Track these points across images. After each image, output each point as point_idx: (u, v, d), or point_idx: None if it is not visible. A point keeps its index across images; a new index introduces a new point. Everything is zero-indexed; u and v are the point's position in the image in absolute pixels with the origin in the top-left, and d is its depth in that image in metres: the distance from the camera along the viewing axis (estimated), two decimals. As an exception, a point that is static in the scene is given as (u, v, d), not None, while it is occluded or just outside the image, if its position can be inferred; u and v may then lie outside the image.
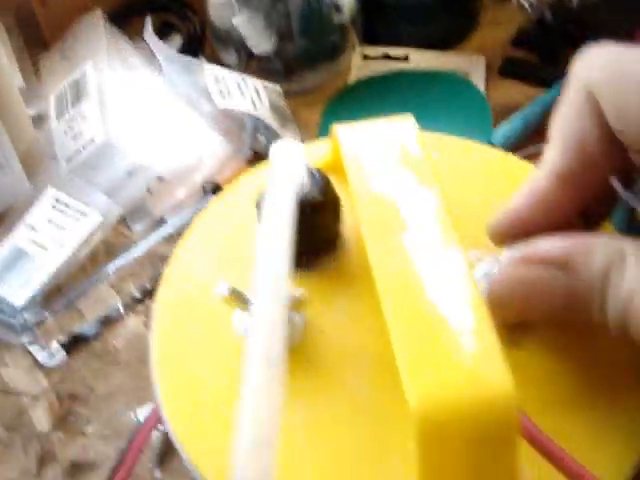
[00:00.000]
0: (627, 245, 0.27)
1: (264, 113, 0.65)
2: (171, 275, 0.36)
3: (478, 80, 0.72)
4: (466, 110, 0.70)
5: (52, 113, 0.69)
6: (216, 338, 0.34)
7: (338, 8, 0.68)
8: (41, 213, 0.63)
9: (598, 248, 0.27)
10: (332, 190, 0.35)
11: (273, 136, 0.65)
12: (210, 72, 0.65)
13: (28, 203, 0.63)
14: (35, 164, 0.65)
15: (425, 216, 0.32)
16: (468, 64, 0.74)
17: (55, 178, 0.64)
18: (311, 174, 0.34)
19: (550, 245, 0.28)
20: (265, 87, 0.68)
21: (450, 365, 0.27)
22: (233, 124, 0.65)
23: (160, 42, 0.66)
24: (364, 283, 0.34)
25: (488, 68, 0.73)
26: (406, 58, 0.74)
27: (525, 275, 0.29)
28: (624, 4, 0.69)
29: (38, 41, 0.75)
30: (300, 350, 0.32)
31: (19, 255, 0.61)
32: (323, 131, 0.69)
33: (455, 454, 0.26)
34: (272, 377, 0.22)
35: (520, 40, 0.75)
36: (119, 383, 0.56)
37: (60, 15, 0.73)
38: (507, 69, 0.73)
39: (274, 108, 0.67)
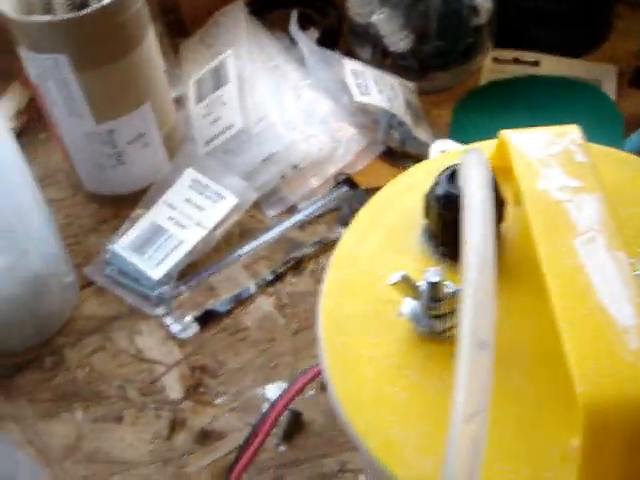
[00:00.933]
0: None
1: (399, 110, 0.67)
2: (340, 258, 0.38)
3: (609, 89, 0.72)
4: (596, 119, 0.70)
5: (192, 97, 0.72)
6: (382, 320, 0.35)
7: (476, 11, 0.69)
8: (180, 192, 0.66)
9: None
10: (499, 190, 0.36)
11: (407, 133, 0.67)
12: (349, 66, 0.67)
13: (167, 182, 0.66)
14: (175, 145, 0.68)
15: (592, 220, 0.33)
16: (599, 73, 0.74)
17: (193, 160, 0.67)
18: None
19: None
20: (400, 84, 0.69)
21: (616, 361, 0.28)
22: (368, 118, 0.67)
23: (304, 35, 0.68)
24: (523, 280, 0.36)
25: (619, 78, 0.73)
26: (537, 63, 0.75)
27: None
28: None
29: (179, 28, 0.78)
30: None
31: (158, 231, 0.64)
32: (454, 130, 0.70)
33: (617, 445, 0.28)
34: (483, 363, 0.23)
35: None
36: (248, 360, 0.58)
37: (201, 4, 0.76)
38: (636, 80, 0.73)
39: (408, 105, 0.68)
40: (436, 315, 0.34)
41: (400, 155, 0.68)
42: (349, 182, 0.67)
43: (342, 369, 0.33)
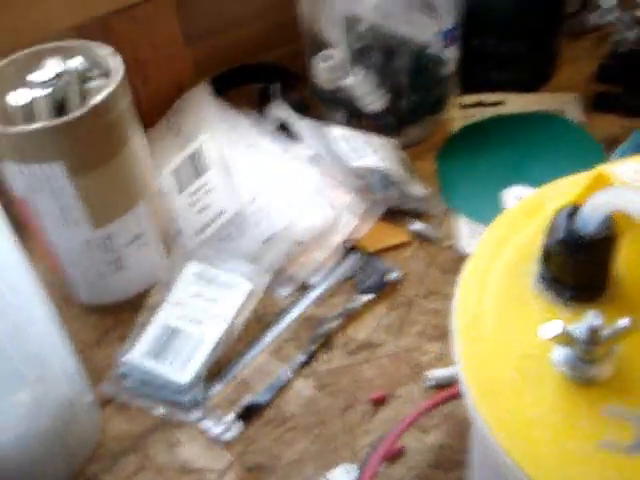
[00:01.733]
0: None
1: (393, 167, 0.66)
2: (464, 326, 0.36)
3: (575, 116, 0.74)
4: (570, 145, 0.72)
5: (172, 188, 0.69)
6: (531, 376, 0.34)
7: (443, 62, 0.70)
8: (186, 288, 0.63)
9: None
10: (615, 227, 0.36)
11: (402, 190, 0.66)
12: (337, 132, 0.67)
13: (170, 280, 0.63)
14: (170, 241, 0.65)
15: None
16: (561, 103, 0.76)
17: (191, 252, 0.64)
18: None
19: None
20: (387, 143, 0.69)
21: None
22: (362, 182, 0.66)
23: (290, 109, 0.67)
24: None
25: (582, 103, 0.76)
26: (501, 103, 0.76)
27: None
28: None
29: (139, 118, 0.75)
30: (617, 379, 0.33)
31: (173, 332, 0.60)
32: (443, 179, 0.70)
33: None
34: None
35: (604, 74, 0.78)
36: (303, 448, 0.55)
37: (160, 91, 0.73)
38: (600, 103, 0.75)
39: (401, 162, 0.68)
40: (592, 360, 0.33)
41: (398, 213, 0.68)
42: (357, 249, 0.65)
43: (514, 438, 0.32)
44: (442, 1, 0.66)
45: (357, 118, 0.71)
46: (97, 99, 0.54)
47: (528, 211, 0.40)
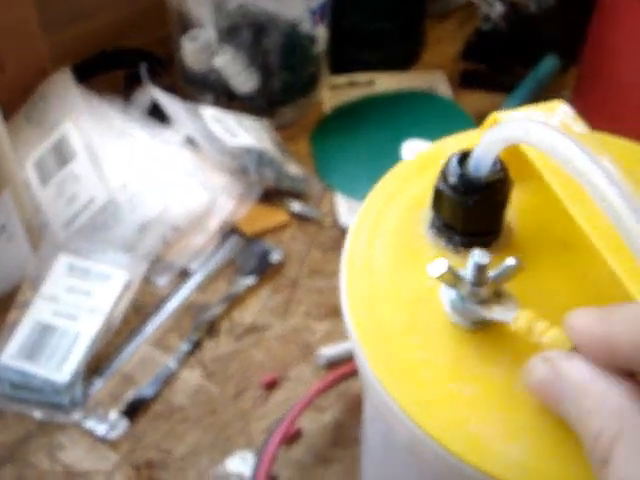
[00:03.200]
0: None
1: (268, 147, 0.65)
2: (351, 271, 0.35)
3: (444, 93, 0.75)
4: (442, 120, 0.73)
5: (34, 180, 0.65)
6: (420, 320, 0.33)
7: (313, 40, 0.69)
8: (59, 282, 0.59)
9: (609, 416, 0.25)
10: (507, 171, 0.36)
11: (279, 170, 0.65)
12: (210, 114, 0.64)
13: (40, 275, 0.59)
14: (36, 234, 0.61)
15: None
16: (430, 80, 0.77)
17: (62, 245, 0.61)
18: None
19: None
20: (259, 124, 0.67)
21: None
22: (236, 163, 0.64)
23: (160, 91, 0.65)
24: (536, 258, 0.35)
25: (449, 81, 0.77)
26: (371, 83, 0.76)
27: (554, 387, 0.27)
28: (567, 18, 0.74)
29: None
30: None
31: (47, 330, 0.57)
32: (319, 159, 0.70)
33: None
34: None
35: (469, 52, 0.79)
36: (196, 440, 0.53)
37: (18, 80, 0.69)
38: (467, 80, 0.77)
39: (274, 143, 0.67)
40: (480, 301, 0.32)
41: (276, 194, 0.66)
42: (236, 231, 0.63)
43: (397, 379, 0.31)
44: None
45: (227, 99, 0.69)
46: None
47: (423, 163, 0.39)
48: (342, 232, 0.65)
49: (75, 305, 0.58)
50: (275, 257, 0.62)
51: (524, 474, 0.28)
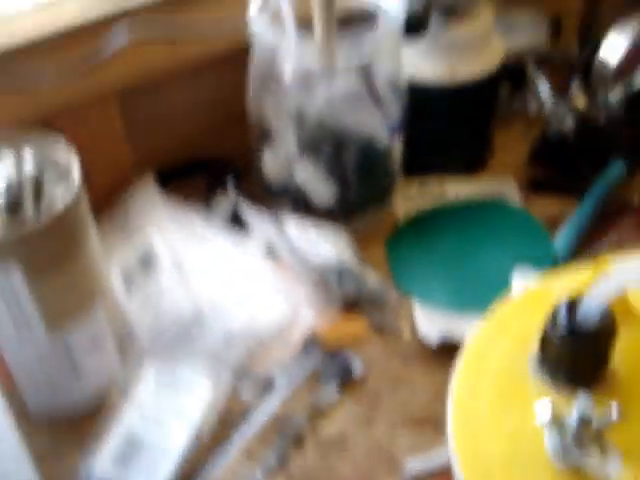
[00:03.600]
0: None
1: (348, 259, 0.67)
2: (458, 411, 0.36)
3: (513, 198, 0.77)
4: (513, 227, 0.74)
5: (120, 289, 0.67)
6: (522, 460, 0.34)
7: (390, 154, 0.71)
8: (146, 392, 0.60)
9: None
10: (613, 321, 0.37)
11: (359, 282, 0.67)
12: (291, 224, 0.66)
13: (125, 384, 0.61)
14: (124, 345, 0.63)
15: None
16: (499, 186, 0.78)
17: (146, 354, 0.62)
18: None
19: None
20: (336, 234, 0.69)
21: None
22: (318, 275, 0.66)
23: (242, 200, 0.67)
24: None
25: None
26: (442, 186, 0.78)
27: None
28: (634, 124, 0.76)
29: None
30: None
31: (136, 440, 0.58)
32: (395, 269, 0.71)
33: None
34: None
35: (536, 157, 0.81)
36: None
37: (103, 187, 0.72)
38: (536, 186, 0.78)
39: (351, 252, 0.68)
40: (582, 446, 0.33)
41: (355, 303, 0.68)
42: (318, 343, 0.65)
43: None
44: (388, 94, 0.68)
45: (305, 210, 0.71)
46: (57, 209, 0.52)
47: (531, 301, 0.41)
48: (421, 342, 0.66)
49: (164, 416, 0.59)
50: (357, 367, 0.63)
51: None
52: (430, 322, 0.66)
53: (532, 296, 0.41)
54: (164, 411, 0.59)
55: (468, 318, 0.63)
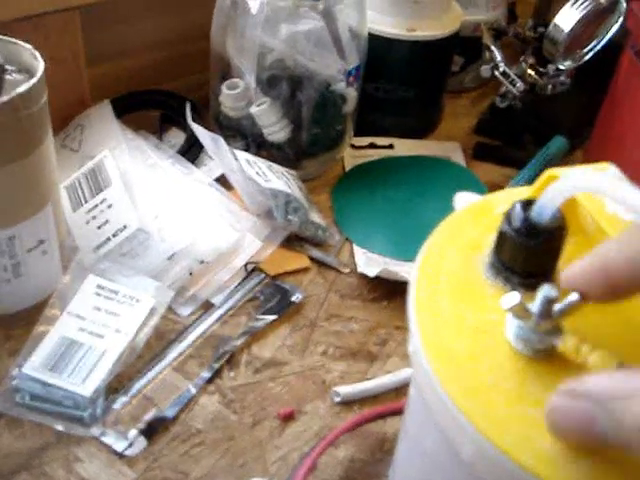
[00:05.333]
0: None
1: (296, 194, 0.68)
2: (420, 307, 0.38)
3: (458, 162, 0.79)
4: (457, 185, 0.76)
5: (66, 204, 0.67)
6: (485, 348, 0.36)
7: (345, 99, 0.73)
8: (86, 301, 0.61)
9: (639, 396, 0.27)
10: (565, 219, 0.39)
11: (304, 217, 0.68)
12: (244, 157, 0.67)
13: (68, 293, 0.61)
14: (66, 254, 0.63)
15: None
16: (446, 150, 0.81)
17: (91, 266, 0.63)
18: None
19: (595, 383, 0.29)
20: (287, 172, 0.70)
21: None
22: (265, 206, 0.67)
23: (202, 128, 0.68)
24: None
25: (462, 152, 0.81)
26: (391, 146, 0.80)
27: (571, 407, 0.30)
28: (579, 102, 0.79)
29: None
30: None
31: (72, 345, 0.58)
32: (338, 212, 0.73)
33: None
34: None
35: (482, 128, 0.84)
36: (212, 464, 0.54)
37: (59, 107, 0.71)
38: (480, 153, 0.81)
39: (300, 190, 0.70)
40: (543, 332, 0.35)
41: (298, 239, 0.69)
42: (260, 271, 0.66)
43: (468, 399, 0.33)
44: (348, 42, 0.69)
45: (257, 147, 0.72)
46: (18, 91, 0.52)
47: (476, 212, 0.42)
48: (359, 280, 0.67)
49: (101, 324, 0.59)
50: (295, 297, 0.64)
51: None
52: (369, 263, 0.68)
53: (476, 208, 0.43)
54: (102, 322, 0.60)
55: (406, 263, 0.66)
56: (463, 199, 0.46)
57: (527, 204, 0.38)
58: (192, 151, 0.73)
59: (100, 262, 0.63)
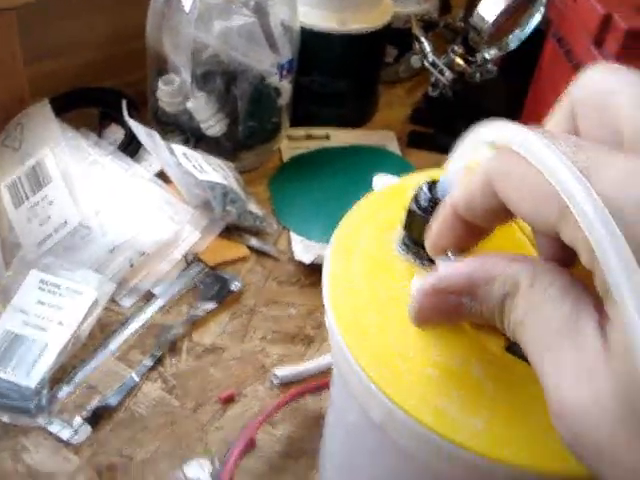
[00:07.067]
0: (523, 272, 0.28)
1: (234, 185, 0.70)
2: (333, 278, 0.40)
3: (394, 150, 0.82)
4: (393, 173, 0.79)
5: (8, 203, 0.69)
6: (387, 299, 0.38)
7: (279, 92, 0.75)
8: (29, 295, 0.62)
9: (496, 276, 0.29)
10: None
11: (242, 207, 0.70)
12: (180, 151, 0.69)
13: (11, 289, 0.63)
14: (7, 253, 0.65)
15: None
16: (381, 139, 0.83)
17: (33, 262, 0.64)
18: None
19: (452, 272, 0.31)
20: (224, 164, 0.72)
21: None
22: (203, 199, 0.69)
23: (138, 124, 0.69)
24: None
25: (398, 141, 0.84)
26: (327, 137, 0.82)
27: (435, 304, 0.32)
28: (508, 88, 0.83)
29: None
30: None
31: (16, 339, 0.60)
32: (276, 203, 0.75)
33: None
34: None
35: (417, 117, 0.87)
36: (156, 447, 0.56)
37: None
38: (414, 141, 0.84)
39: (238, 182, 0.72)
40: None
41: (237, 229, 0.71)
42: (199, 261, 0.68)
43: (376, 366, 0.35)
44: (281, 36, 0.72)
45: (195, 141, 0.74)
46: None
47: (392, 193, 0.45)
48: (296, 267, 0.70)
49: (44, 318, 0.61)
50: (234, 285, 0.67)
51: (485, 441, 0.32)
52: (306, 250, 0.70)
53: (392, 189, 0.46)
54: (45, 315, 0.61)
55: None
56: (381, 181, 0.49)
57: (433, 183, 0.41)
58: (131, 147, 0.75)
59: (43, 257, 0.65)
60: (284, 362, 0.63)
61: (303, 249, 0.70)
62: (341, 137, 0.83)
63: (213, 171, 0.69)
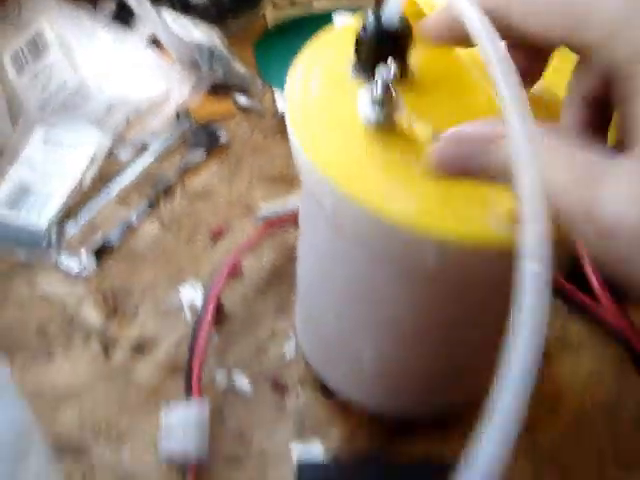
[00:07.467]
0: None
1: (219, 45, 0.75)
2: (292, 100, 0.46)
3: (372, 15, 0.86)
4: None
5: (10, 72, 0.75)
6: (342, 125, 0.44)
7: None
8: (35, 149, 0.69)
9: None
10: (409, 24, 0.47)
11: (227, 66, 0.75)
12: (169, 16, 0.75)
13: (19, 146, 0.69)
14: (14, 114, 0.71)
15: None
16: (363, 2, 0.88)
17: (39, 120, 0.70)
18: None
19: (473, 129, 0.34)
20: (210, 29, 0.77)
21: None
22: (191, 59, 0.75)
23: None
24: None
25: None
26: (310, 2, 0.87)
27: (454, 150, 0.35)
28: None
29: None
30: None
31: (25, 188, 0.66)
32: (261, 65, 0.80)
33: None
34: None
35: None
36: (155, 275, 0.64)
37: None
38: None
39: (222, 44, 0.77)
40: (386, 108, 0.43)
41: (224, 87, 0.77)
42: (189, 116, 0.74)
43: (326, 161, 0.41)
44: None
45: (182, 9, 0.79)
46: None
47: (349, 28, 0.50)
48: (280, 122, 0.75)
49: (50, 169, 0.68)
50: (222, 136, 0.73)
51: (423, 216, 0.38)
52: (289, 105, 0.75)
53: (352, 26, 0.51)
54: (50, 165, 0.68)
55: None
56: (341, 19, 0.54)
57: (378, 14, 0.46)
58: (123, 15, 0.79)
59: (46, 117, 0.71)
60: (268, 202, 0.69)
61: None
62: (324, 3, 0.87)
63: (200, 33, 0.74)
